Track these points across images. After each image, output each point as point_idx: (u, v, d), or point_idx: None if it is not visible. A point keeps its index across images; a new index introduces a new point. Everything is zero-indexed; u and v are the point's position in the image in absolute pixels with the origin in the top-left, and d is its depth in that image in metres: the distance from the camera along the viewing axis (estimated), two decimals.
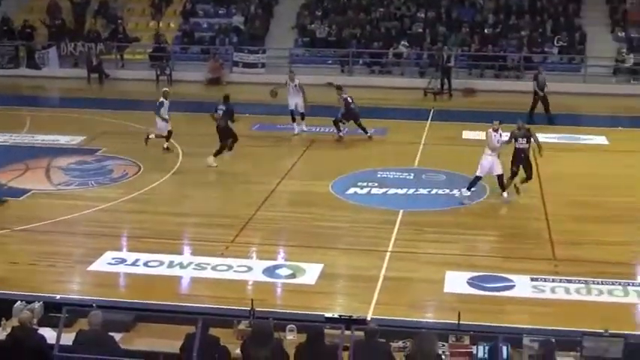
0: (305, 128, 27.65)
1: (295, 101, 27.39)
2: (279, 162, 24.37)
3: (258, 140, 26.69)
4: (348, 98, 26.59)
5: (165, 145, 25.21)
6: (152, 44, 40.04)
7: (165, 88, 25.81)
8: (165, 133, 25.21)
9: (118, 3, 42.69)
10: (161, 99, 25.19)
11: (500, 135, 20.88)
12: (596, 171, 23.86)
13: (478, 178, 20.99)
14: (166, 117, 25.05)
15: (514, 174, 21.11)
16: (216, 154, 23.67)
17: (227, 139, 23.75)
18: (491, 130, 20.83)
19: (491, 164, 20.79)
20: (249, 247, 18.35)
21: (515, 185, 21.16)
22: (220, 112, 23.73)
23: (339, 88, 27.24)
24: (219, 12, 41.91)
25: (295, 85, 27.44)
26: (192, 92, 35.63)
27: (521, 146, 20.92)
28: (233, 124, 23.87)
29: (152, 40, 40.21)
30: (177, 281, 16.68)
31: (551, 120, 29.22)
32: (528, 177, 21.16)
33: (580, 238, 18.94)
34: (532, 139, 20.96)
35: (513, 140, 20.90)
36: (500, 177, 20.98)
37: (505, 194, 21.05)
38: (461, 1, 40.84)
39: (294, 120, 27.45)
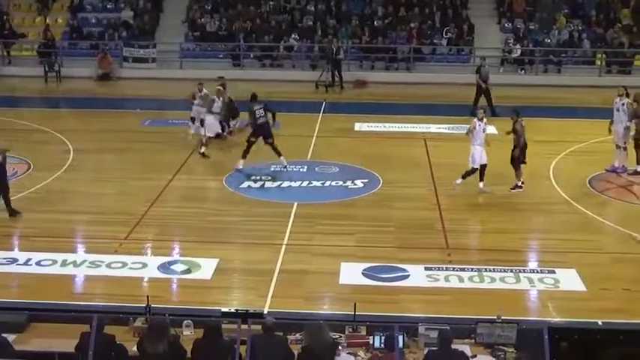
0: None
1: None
2: (172, 157, 24.13)
3: (149, 136, 26.43)
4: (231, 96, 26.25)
5: (201, 150, 24.25)
6: (40, 40, 39.16)
7: (218, 86, 25.25)
8: (212, 135, 24.41)
9: None
10: (213, 96, 24.64)
11: (485, 124, 21.28)
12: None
13: (473, 170, 21.20)
14: (218, 111, 24.46)
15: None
16: (279, 154, 23.05)
17: (271, 135, 23.13)
18: (476, 120, 21.17)
19: (480, 154, 21.07)
20: (144, 243, 18.17)
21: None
22: (262, 111, 22.88)
23: (221, 81, 26.77)
24: (108, 7, 41.21)
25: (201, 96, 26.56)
26: (82, 88, 35.08)
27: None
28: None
29: (40, 36, 39.33)
30: (71, 280, 16.40)
31: (494, 113, 29.20)
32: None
33: (472, 227, 19.34)
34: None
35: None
36: (484, 167, 21.21)
37: (481, 184, 21.35)
38: None
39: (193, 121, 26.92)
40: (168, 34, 39.47)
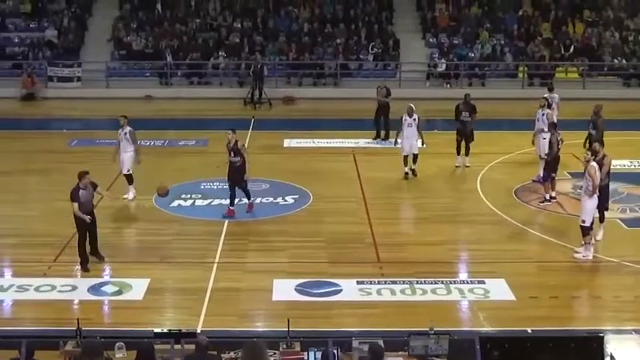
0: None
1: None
2: (100, 177, 23.77)
3: (76, 156, 26.06)
4: None
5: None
6: None
7: (410, 104, 24.89)
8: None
9: None
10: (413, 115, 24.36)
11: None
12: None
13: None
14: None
15: None
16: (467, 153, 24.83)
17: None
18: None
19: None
20: (73, 265, 17.89)
21: None
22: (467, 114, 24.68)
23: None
24: (31, 26, 40.64)
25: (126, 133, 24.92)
26: (5, 109, 34.40)
27: None
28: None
29: None
30: None
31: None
32: None
33: (402, 240, 19.46)
34: None
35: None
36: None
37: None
38: (276, 11, 41.24)
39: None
40: (94, 52, 39.09)
